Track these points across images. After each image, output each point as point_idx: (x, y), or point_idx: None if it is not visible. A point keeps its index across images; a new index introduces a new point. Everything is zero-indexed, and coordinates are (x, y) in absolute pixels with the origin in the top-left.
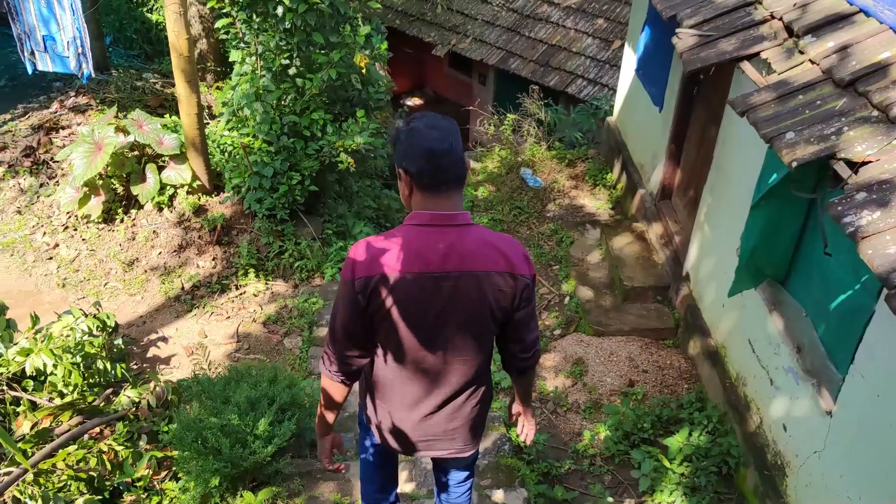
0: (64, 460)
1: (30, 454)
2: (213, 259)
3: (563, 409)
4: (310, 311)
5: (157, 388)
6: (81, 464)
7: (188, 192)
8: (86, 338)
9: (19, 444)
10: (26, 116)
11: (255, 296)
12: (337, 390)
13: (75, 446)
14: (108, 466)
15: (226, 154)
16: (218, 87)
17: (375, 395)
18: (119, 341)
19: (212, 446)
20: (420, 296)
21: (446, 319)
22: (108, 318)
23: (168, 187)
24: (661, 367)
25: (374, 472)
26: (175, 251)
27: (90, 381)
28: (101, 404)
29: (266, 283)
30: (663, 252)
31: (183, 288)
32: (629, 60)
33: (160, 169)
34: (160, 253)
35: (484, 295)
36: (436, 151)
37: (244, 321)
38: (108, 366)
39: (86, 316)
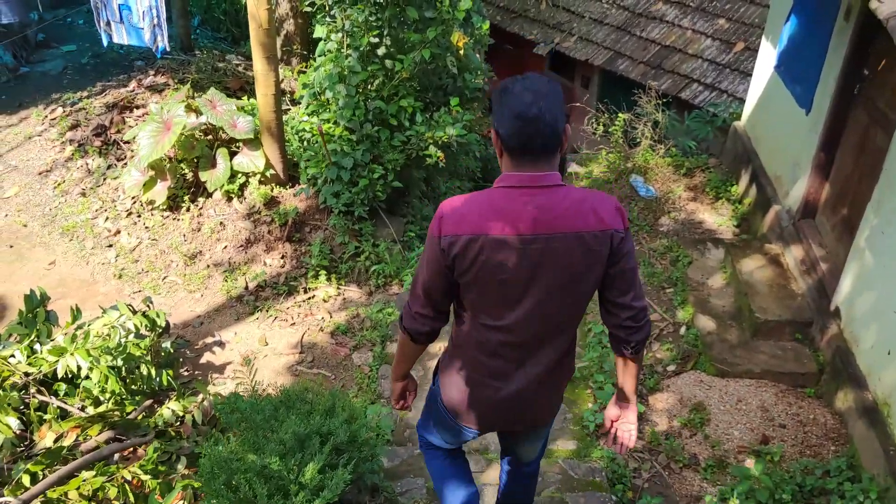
0: (78, 489)
1: (41, 476)
2: (283, 257)
3: (678, 465)
4: (384, 323)
5: (206, 402)
6: (100, 493)
7: (260, 182)
8: (130, 338)
9: (34, 461)
10: (103, 94)
11: (325, 301)
12: (409, 347)
13: (93, 472)
14: (132, 499)
15: (304, 142)
16: (302, 72)
17: (453, 369)
18: (167, 344)
19: (244, 496)
20: (507, 260)
21: (535, 286)
22: (158, 316)
23: (239, 175)
24: (801, 422)
25: (445, 483)
26: (242, 246)
27: (132, 387)
28: (139, 417)
29: (338, 288)
30: (804, 280)
31: (247, 287)
32: (766, 56)
33: (232, 155)
34: (225, 247)
35: (575, 258)
36: (524, 116)
37: (310, 329)
38: (153, 372)
39: (134, 313)
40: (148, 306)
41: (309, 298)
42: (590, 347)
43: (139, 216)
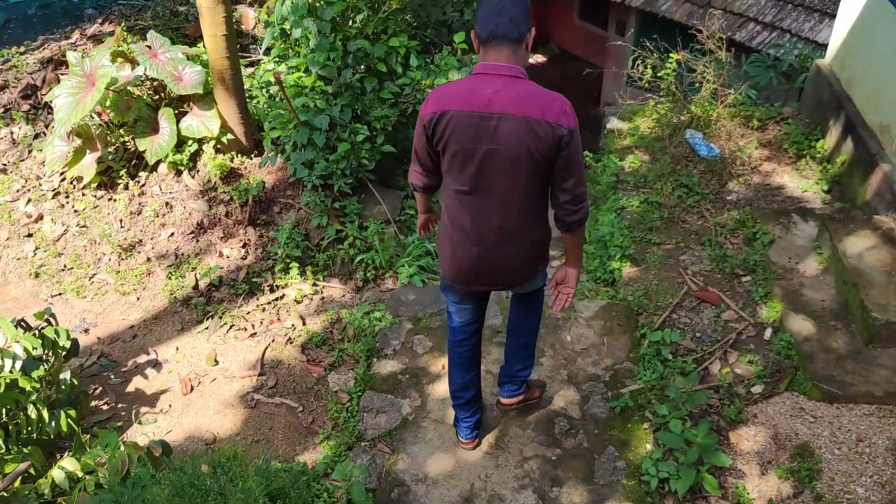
0: None
1: None
2: (244, 246)
3: None
4: (371, 330)
5: (117, 457)
6: None
7: (217, 150)
8: (16, 368)
9: None
10: (41, 49)
11: (297, 303)
12: (417, 194)
13: None
14: None
15: (274, 98)
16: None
17: (442, 230)
18: (67, 374)
19: None
20: (468, 131)
21: (491, 154)
22: (59, 335)
23: (189, 142)
24: None
25: (456, 368)
26: (192, 233)
27: (13, 438)
28: (16, 484)
29: (314, 285)
30: None
31: (196, 286)
32: None
33: (180, 117)
34: (172, 234)
35: (522, 138)
36: (492, 10)
37: (276, 341)
38: (46, 414)
39: (27, 330)
40: (48, 321)
41: (276, 300)
42: (645, 362)
43: (67, 197)
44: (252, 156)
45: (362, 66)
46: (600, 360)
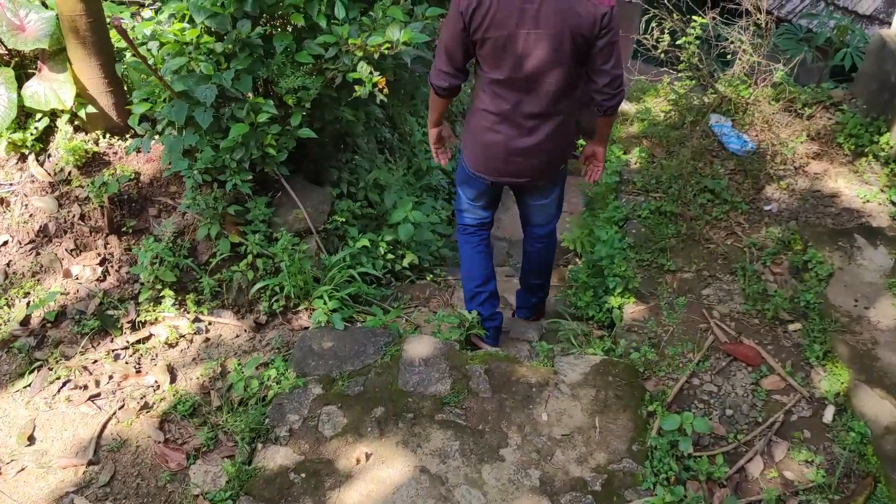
0: None
1: None
2: (102, 263)
3: None
4: (262, 395)
5: None
6: None
7: (76, 128)
8: None
9: None
10: None
11: (170, 346)
12: (436, 100)
13: None
14: None
15: (155, 56)
16: None
17: (473, 117)
18: None
19: None
20: (510, 15)
21: (533, 37)
22: None
23: (38, 116)
24: None
25: (471, 261)
26: (32, 243)
27: None
28: None
29: (196, 320)
30: None
31: (26, 321)
32: None
33: (22, 80)
34: (5, 244)
35: (565, 18)
36: None
37: (126, 408)
38: None
39: None
40: None
41: (139, 342)
42: (654, 461)
43: None
44: (127, 137)
45: (270, 18)
46: (589, 456)
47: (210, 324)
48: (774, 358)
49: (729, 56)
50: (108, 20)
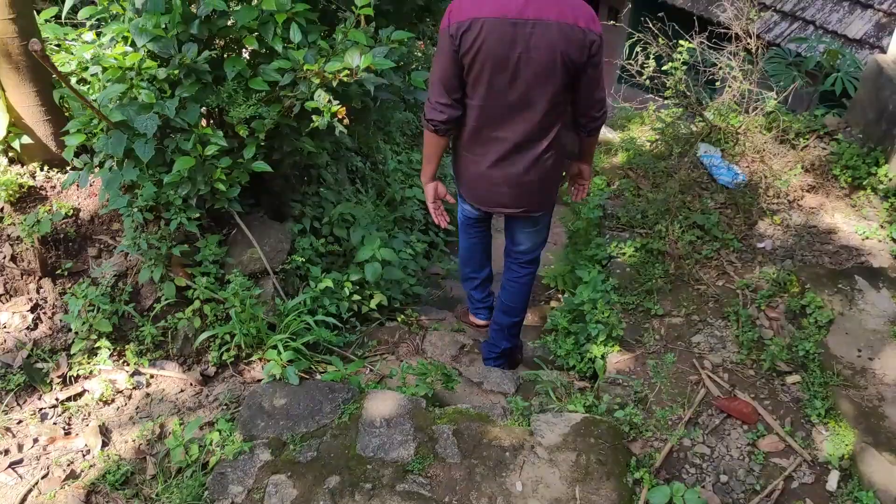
0: None
1: None
2: (34, 308)
3: None
4: (202, 462)
5: None
6: None
7: (8, 160)
8: None
9: None
10: None
11: (105, 403)
12: (432, 140)
13: None
14: None
15: (99, 82)
16: None
17: (462, 148)
18: None
19: None
20: (502, 37)
21: (524, 61)
22: None
23: None
24: None
25: (469, 250)
26: None
27: None
28: None
29: (136, 374)
30: None
31: None
32: None
33: None
34: None
35: (556, 42)
36: None
37: (51, 477)
38: None
39: None
40: None
41: (70, 399)
42: None
43: None
44: (67, 170)
45: (219, 40)
46: None
47: (151, 377)
48: (772, 415)
49: (718, 83)
50: (43, 43)
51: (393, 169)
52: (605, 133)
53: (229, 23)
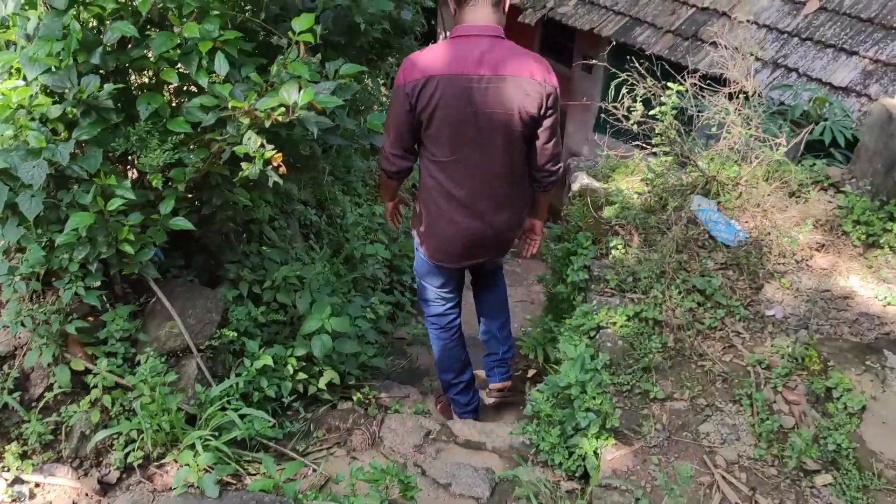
0: None
1: None
2: None
3: None
4: None
5: None
6: None
7: None
8: None
9: None
10: None
11: None
12: (387, 183)
13: None
14: None
15: None
16: None
17: (424, 204)
18: None
19: None
20: (459, 93)
21: (483, 117)
22: None
23: None
24: None
25: (445, 351)
26: None
27: None
28: None
29: (14, 481)
30: None
31: None
32: None
33: None
34: None
35: (513, 96)
36: None
37: None
38: None
39: None
40: None
41: None
42: None
43: None
44: None
45: (129, 73)
46: None
47: (36, 486)
48: None
49: (714, 128)
50: None
51: (352, 223)
52: (589, 183)
53: (149, 54)
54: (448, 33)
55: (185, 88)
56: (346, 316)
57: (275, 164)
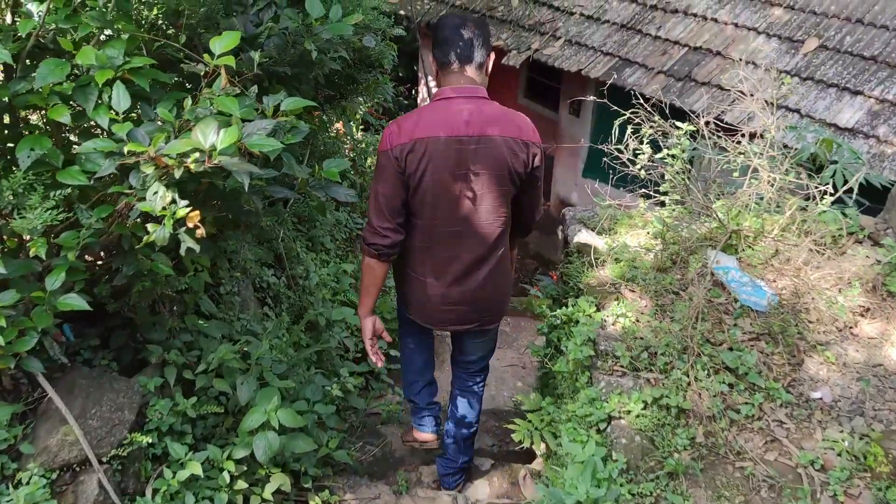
0: None
1: None
2: None
3: None
4: None
5: None
6: None
7: None
8: None
9: None
10: None
11: None
12: (374, 267)
13: None
14: None
15: None
16: None
17: (409, 269)
18: None
19: None
20: (448, 156)
21: (472, 177)
22: None
23: None
24: None
25: (413, 355)
26: None
27: None
28: None
29: None
30: None
31: None
32: None
33: None
34: None
35: (502, 156)
36: (454, 32)
37: None
38: None
39: None
40: None
41: None
42: None
43: None
44: None
45: (22, 112)
46: None
47: None
48: None
49: (736, 173)
50: None
51: (317, 284)
52: (589, 238)
53: (38, 87)
54: (430, 77)
55: (80, 129)
56: (301, 401)
57: (191, 224)
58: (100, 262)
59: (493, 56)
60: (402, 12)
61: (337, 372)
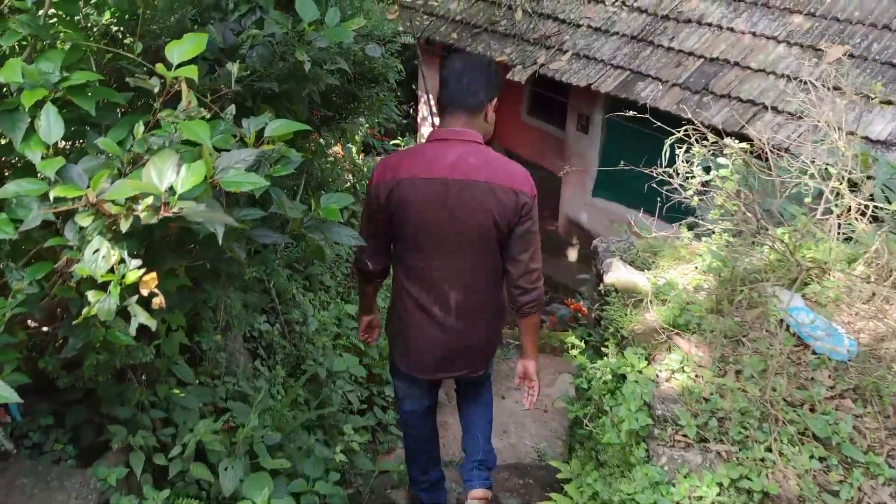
0: None
1: None
2: None
3: None
4: None
5: None
6: None
7: None
8: None
9: None
10: None
11: None
12: (365, 284)
13: None
14: None
15: None
16: None
17: (395, 310)
18: None
19: None
20: (430, 197)
21: (454, 221)
22: None
23: None
24: None
25: (408, 429)
26: None
27: None
28: None
29: None
30: None
31: None
32: None
33: None
34: None
35: (487, 204)
36: (449, 79)
37: None
38: None
39: None
40: None
41: None
42: None
43: None
44: None
45: None
46: None
47: None
48: None
49: (808, 198)
50: None
51: (316, 330)
52: (629, 275)
53: None
54: (429, 95)
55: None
56: (300, 480)
57: (144, 291)
58: (45, 329)
59: (495, 101)
60: (401, 28)
61: (340, 429)
